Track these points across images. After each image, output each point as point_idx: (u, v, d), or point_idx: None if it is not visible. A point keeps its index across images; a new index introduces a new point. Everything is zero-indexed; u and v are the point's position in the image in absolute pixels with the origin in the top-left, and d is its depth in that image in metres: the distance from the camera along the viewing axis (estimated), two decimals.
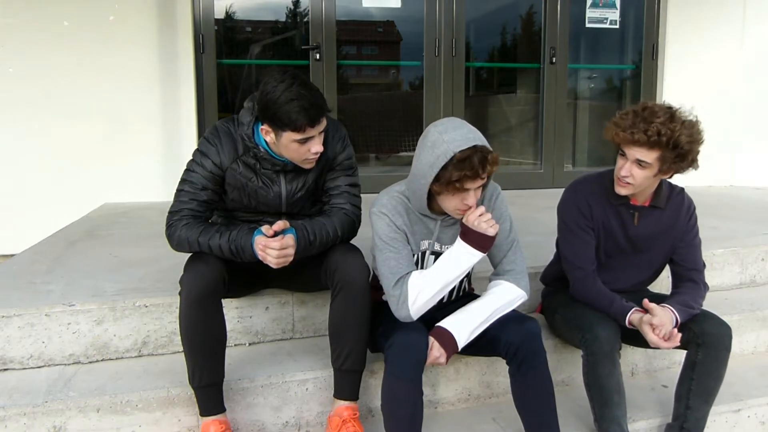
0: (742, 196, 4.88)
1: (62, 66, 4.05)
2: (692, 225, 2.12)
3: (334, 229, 1.95)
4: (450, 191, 1.72)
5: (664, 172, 1.94)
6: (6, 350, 2.03)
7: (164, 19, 4.20)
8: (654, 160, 1.89)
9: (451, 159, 1.66)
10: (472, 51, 5.07)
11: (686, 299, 2.00)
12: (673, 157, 1.88)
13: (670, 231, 2.10)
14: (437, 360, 1.76)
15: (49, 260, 2.71)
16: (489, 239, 1.77)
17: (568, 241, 2.11)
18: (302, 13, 4.64)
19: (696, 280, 2.08)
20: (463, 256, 1.79)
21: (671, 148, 1.86)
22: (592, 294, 2.06)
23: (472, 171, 1.66)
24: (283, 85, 1.76)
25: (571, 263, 2.11)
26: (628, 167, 1.93)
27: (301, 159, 1.89)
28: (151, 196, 4.20)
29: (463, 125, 1.74)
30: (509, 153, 5.50)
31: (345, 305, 1.88)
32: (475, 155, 1.67)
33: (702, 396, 1.99)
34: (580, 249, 2.09)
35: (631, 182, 1.95)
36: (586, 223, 2.08)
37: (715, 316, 2.03)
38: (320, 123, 1.82)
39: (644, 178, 1.94)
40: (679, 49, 5.24)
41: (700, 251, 2.14)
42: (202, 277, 1.79)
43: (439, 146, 1.70)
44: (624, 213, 2.08)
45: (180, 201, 1.92)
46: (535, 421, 1.82)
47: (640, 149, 1.88)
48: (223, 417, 1.86)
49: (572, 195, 2.12)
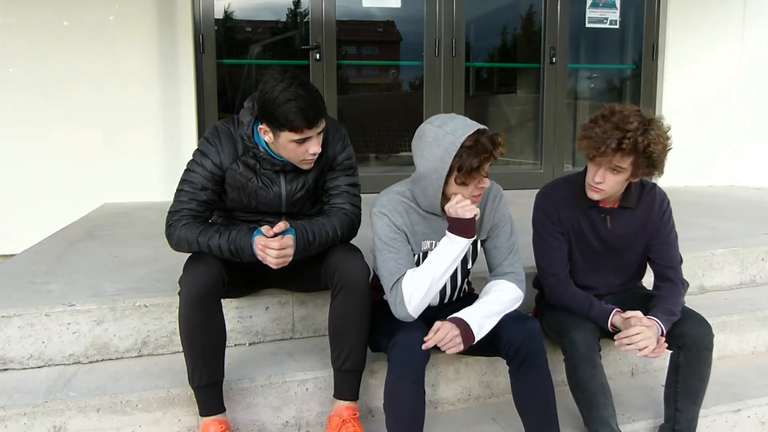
0: (742, 196, 4.88)
1: (62, 66, 4.05)
2: (666, 221, 2.09)
3: (333, 229, 1.95)
4: (469, 179, 1.73)
5: (635, 176, 1.93)
6: (6, 350, 2.03)
7: (164, 19, 4.20)
8: (628, 165, 1.88)
9: (461, 147, 1.69)
10: (472, 51, 5.07)
11: (668, 306, 1.98)
12: (646, 161, 1.87)
13: (643, 229, 2.09)
14: (456, 345, 1.73)
15: (49, 260, 2.71)
16: (467, 223, 1.76)
17: (539, 247, 2.11)
18: (302, 13, 4.64)
19: (673, 279, 2.07)
20: (446, 245, 1.79)
21: (646, 155, 1.85)
22: (567, 298, 2.06)
23: (488, 152, 1.70)
24: (282, 85, 1.75)
25: (543, 270, 2.11)
26: (601, 173, 1.91)
27: (298, 159, 1.88)
28: (151, 196, 4.20)
29: (457, 116, 1.78)
30: (509, 153, 5.49)
31: (345, 305, 1.88)
32: (482, 137, 1.71)
33: (689, 397, 1.98)
34: (550, 255, 2.09)
35: (604, 188, 1.94)
36: (555, 229, 2.07)
37: (695, 314, 2.02)
38: (318, 125, 1.81)
39: (616, 183, 1.93)
40: (679, 49, 5.24)
41: (677, 247, 2.12)
42: (202, 277, 1.79)
43: (443, 138, 1.71)
44: (594, 216, 2.07)
45: (180, 201, 1.92)
46: (535, 421, 1.82)
47: (614, 156, 1.85)
48: (223, 417, 1.86)
49: (540, 200, 2.13)
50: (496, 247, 1.94)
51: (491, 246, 1.95)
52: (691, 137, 5.01)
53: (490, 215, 1.93)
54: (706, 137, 5.21)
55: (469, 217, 1.76)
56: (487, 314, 1.81)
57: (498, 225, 1.94)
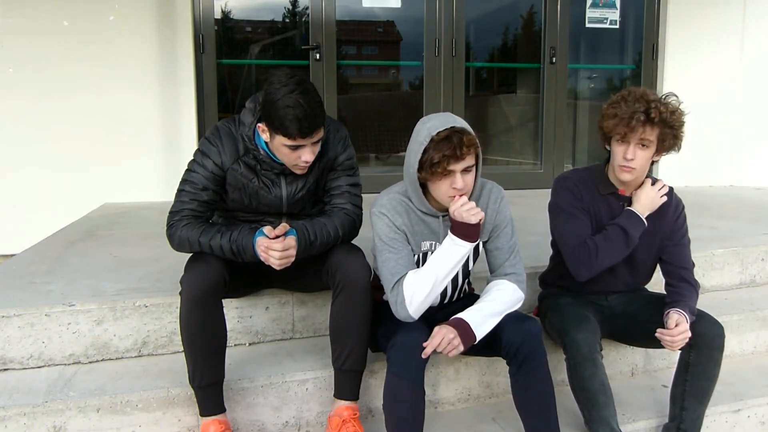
0: (742, 196, 4.88)
1: (62, 66, 4.05)
2: (680, 224, 2.12)
3: (335, 229, 1.95)
4: (437, 176, 1.73)
5: (660, 151, 1.98)
6: (6, 350, 2.03)
7: (164, 19, 4.20)
8: (655, 138, 1.94)
9: (431, 141, 1.70)
10: (472, 51, 5.08)
11: (690, 304, 2.00)
12: (670, 132, 1.94)
13: (657, 228, 2.10)
14: (455, 348, 1.73)
15: (49, 260, 2.71)
16: (472, 227, 1.77)
17: (564, 221, 2.08)
18: (302, 13, 4.64)
19: (689, 281, 2.08)
20: (449, 248, 1.79)
21: (669, 125, 1.92)
22: (601, 258, 1.99)
23: (451, 150, 1.69)
24: (285, 89, 1.75)
25: (569, 244, 2.05)
26: (632, 150, 1.94)
27: (290, 164, 1.89)
28: (151, 196, 4.20)
29: (447, 114, 1.79)
30: (509, 153, 5.51)
31: (346, 305, 1.88)
32: (454, 136, 1.70)
33: (697, 397, 1.99)
34: (575, 226, 2.05)
35: (635, 165, 1.96)
36: (579, 204, 2.08)
37: (708, 315, 2.03)
38: (313, 135, 1.80)
39: (645, 160, 1.97)
40: (679, 49, 5.24)
41: (689, 251, 2.14)
42: (203, 277, 1.79)
43: (420, 133, 1.75)
44: (613, 203, 2.09)
45: (181, 201, 1.92)
46: (535, 421, 1.82)
47: (643, 128, 1.91)
48: (223, 417, 1.86)
49: (563, 181, 2.14)
50: (497, 248, 1.94)
51: (492, 247, 1.95)
52: (691, 137, 4.99)
53: (492, 216, 1.93)
54: (706, 137, 5.20)
55: (474, 222, 1.76)
56: (488, 314, 1.81)
57: (499, 226, 1.94)
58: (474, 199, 1.83)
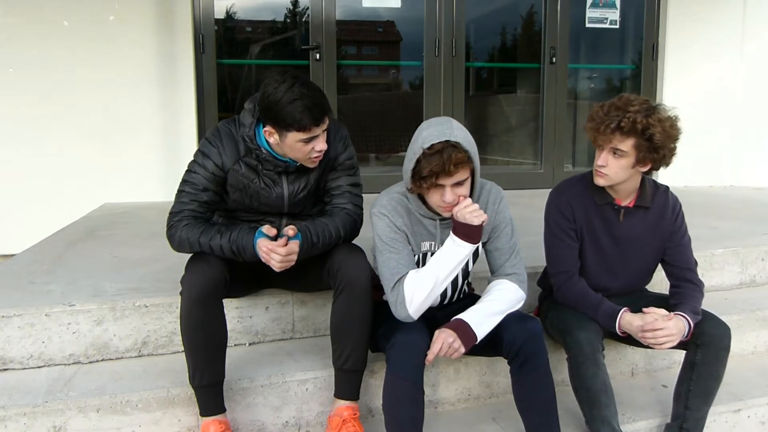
0: (742, 196, 4.88)
1: (62, 66, 4.05)
2: (680, 224, 2.12)
3: (336, 230, 1.95)
4: (426, 187, 1.72)
5: (641, 162, 1.94)
6: (6, 350, 2.03)
7: (164, 19, 4.20)
8: (630, 149, 1.91)
9: (423, 153, 1.68)
10: (472, 51, 5.08)
11: (694, 305, 2.00)
12: (647, 146, 1.89)
13: (655, 230, 2.10)
14: (456, 351, 1.73)
15: (49, 260, 2.71)
16: (474, 229, 1.76)
17: (551, 243, 2.12)
18: (302, 13, 4.64)
19: (693, 281, 2.08)
20: (451, 249, 1.79)
21: (646, 138, 1.88)
22: (575, 295, 2.05)
23: (440, 166, 1.66)
24: (285, 86, 1.76)
25: (554, 266, 2.11)
26: (604, 156, 1.94)
27: (305, 158, 1.89)
28: (151, 196, 4.20)
29: (447, 122, 1.75)
30: (509, 153, 5.51)
31: (347, 305, 1.88)
32: (446, 151, 1.67)
33: (701, 396, 1.99)
34: (562, 252, 2.09)
35: (607, 172, 1.95)
36: (568, 226, 2.08)
37: (715, 316, 2.03)
38: (324, 122, 1.83)
39: (620, 168, 1.94)
40: (679, 49, 5.24)
41: (691, 250, 2.14)
42: (204, 277, 1.79)
43: (416, 141, 1.74)
44: (609, 213, 2.08)
45: (181, 202, 1.92)
46: (535, 421, 1.82)
47: (614, 136, 1.90)
48: (223, 417, 1.86)
49: (555, 197, 2.13)
50: (497, 248, 1.94)
51: (492, 248, 1.95)
52: (690, 137, 4.99)
53: (492, 217, 1.92)
54: (706, 137, 5.20)
55: (477, 224, 1.75)
56: (489, 313, 1.81)
57: (499, 227, 1.93)
58: (473, 199, 1.83)
